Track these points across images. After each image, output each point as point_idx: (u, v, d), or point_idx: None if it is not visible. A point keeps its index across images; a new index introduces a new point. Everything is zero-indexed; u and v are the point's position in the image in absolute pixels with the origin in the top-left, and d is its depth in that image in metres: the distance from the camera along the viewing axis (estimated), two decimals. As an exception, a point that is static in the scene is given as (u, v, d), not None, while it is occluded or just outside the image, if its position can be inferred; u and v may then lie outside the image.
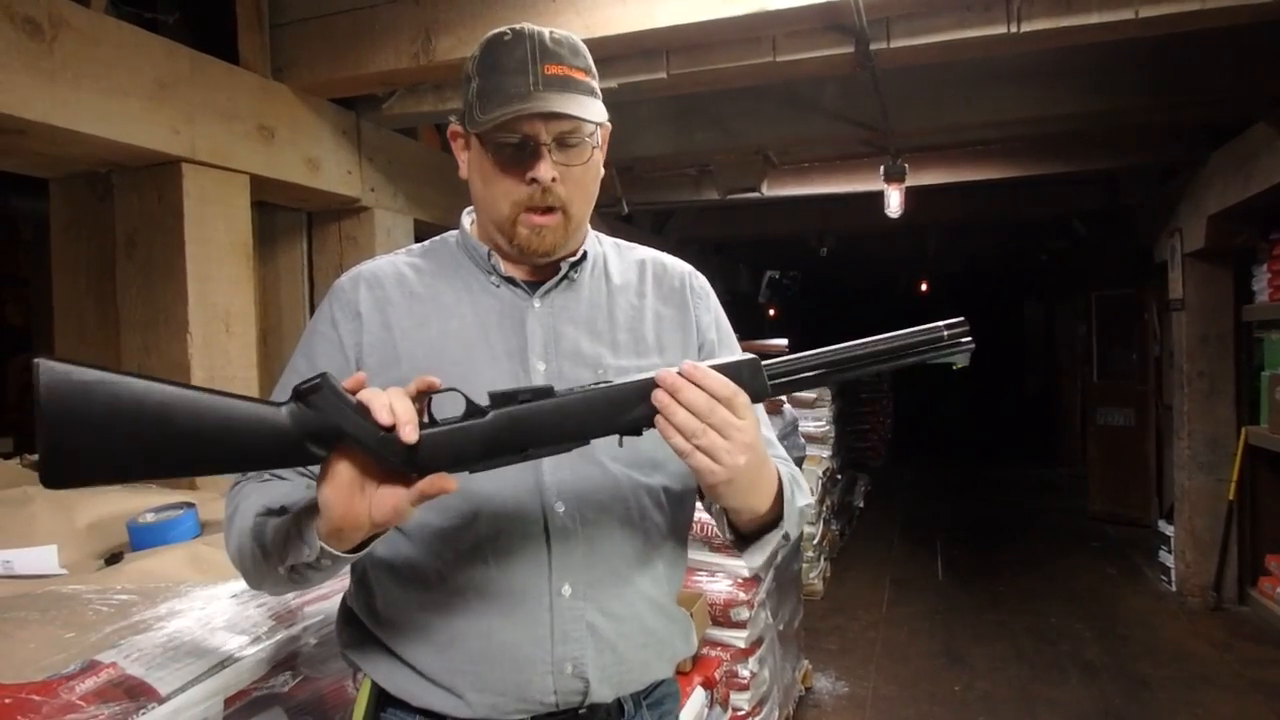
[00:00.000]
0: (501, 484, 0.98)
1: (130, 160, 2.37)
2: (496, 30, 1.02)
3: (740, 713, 2.68)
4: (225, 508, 1.00)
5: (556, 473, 0.99)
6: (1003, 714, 3.47)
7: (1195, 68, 3.29)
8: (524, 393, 0.84)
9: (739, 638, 2.71)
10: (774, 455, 1.02)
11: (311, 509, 0.84)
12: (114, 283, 2.48)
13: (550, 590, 0.99)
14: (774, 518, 0.98)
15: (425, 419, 0.81)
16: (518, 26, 1.01)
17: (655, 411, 0.85)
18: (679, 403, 0.84)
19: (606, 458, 1.01)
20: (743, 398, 0.86)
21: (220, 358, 2.48)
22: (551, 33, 1.00)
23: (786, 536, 1.01)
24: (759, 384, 0.88)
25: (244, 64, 2.65)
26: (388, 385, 1.01)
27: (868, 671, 3.91)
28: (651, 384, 0.85)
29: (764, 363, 0.89)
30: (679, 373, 0.85)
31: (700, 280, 1.19)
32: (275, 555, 0.88)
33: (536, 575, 0.99)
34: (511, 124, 0.96)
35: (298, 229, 3.25)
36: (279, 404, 0.78)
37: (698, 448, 0.85)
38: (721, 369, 0.86)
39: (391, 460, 0.78)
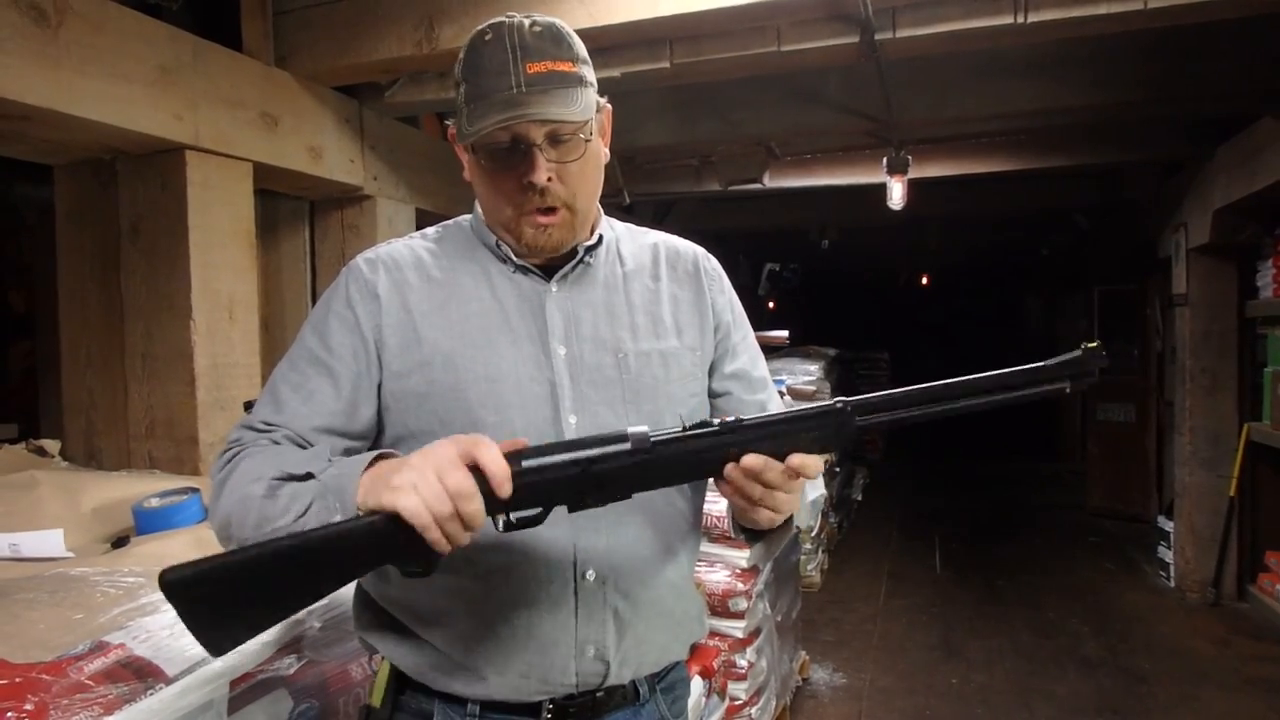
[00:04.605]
0: None
1: (134, 147, 2.37)
2: (479, 28, 1.00)
3: (738, 702, 2.70)
4: (214, 473, 0.98)
5: None
6: (999, 707, 3.48)
7: (1201, 62, 3.28)
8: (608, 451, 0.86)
9: (737, 628, 2.72)
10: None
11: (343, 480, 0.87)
12: (118, 269, 2.49)
13: (575, 575, 0.99)
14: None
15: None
16: (498, 21, 0.99)
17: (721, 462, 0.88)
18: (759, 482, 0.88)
19: None
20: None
21: (223, 344, 2.49)
22: (533, 24, 0.98)
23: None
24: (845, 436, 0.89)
25: (247, 51, 2.64)
26: (411, 367, 1.01)
27: (865, 663, 3.92)
28: (724, 455, 0.87)
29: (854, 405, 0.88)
30: (786, 466, 0.87)
31: (713, 262, 1.20)
32: (286, 516, 0.89)
33: (561, 561, 0.99)
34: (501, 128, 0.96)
35: (300, 217, 3.25)
36: (371, 517, 0.83)
37: (761, 504, 0.90)
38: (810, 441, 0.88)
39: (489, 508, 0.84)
